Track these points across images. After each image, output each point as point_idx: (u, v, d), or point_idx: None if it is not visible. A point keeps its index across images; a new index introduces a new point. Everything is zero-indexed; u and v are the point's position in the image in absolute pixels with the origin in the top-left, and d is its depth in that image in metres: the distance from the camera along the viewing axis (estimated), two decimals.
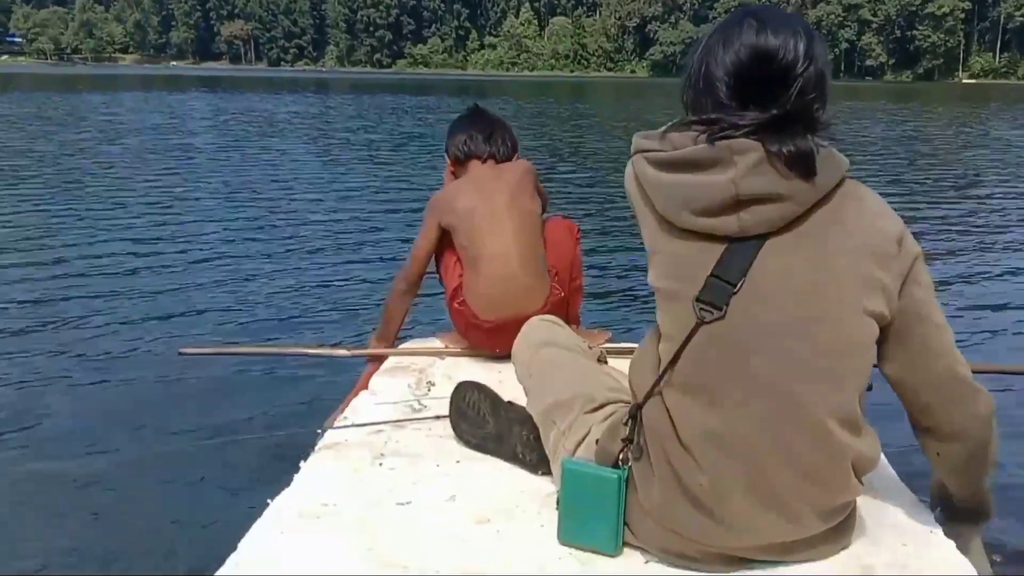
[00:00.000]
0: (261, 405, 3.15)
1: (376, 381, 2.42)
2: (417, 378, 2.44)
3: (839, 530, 1.42)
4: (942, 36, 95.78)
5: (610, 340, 2.74)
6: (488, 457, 1.88)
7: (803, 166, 1.25)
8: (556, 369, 1.75)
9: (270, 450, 2.66)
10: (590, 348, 1.88)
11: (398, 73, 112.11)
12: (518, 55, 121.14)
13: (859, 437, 1.35)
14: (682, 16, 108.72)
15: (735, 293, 1.29)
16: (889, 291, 1.32)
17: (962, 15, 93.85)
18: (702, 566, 1.41)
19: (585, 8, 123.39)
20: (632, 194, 1.42)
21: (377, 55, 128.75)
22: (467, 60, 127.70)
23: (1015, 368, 2.84)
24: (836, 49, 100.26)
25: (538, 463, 1.77)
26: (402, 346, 2.74)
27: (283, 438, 2.62)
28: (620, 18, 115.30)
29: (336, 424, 2.09)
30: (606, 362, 1.90)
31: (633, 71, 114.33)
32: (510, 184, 2.61)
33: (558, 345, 1.82)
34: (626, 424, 1.43)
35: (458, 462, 1.87)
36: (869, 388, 1.39)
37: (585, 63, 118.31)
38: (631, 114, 26.18)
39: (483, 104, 2.91)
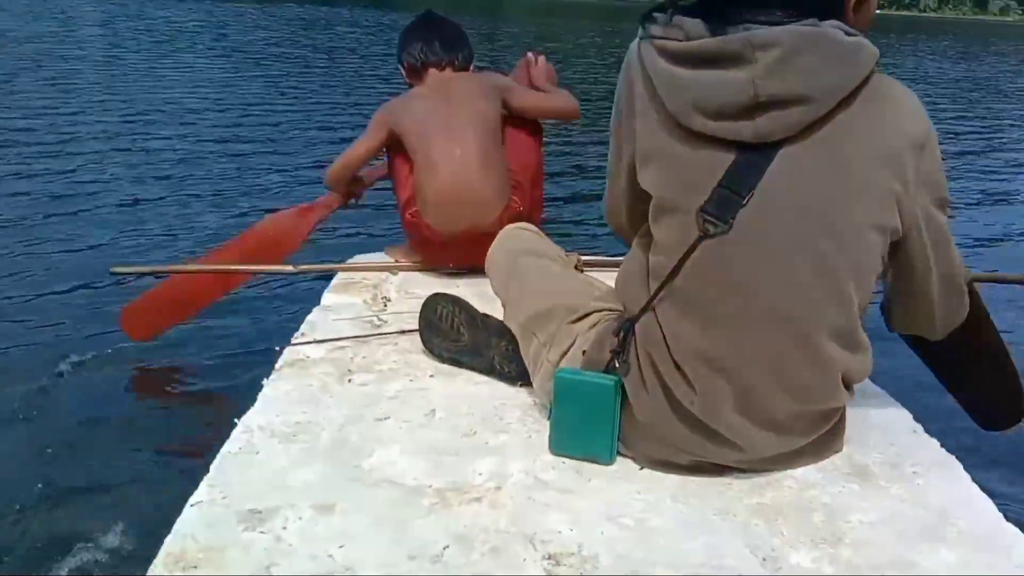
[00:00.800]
0: (208, 325, 2.98)
1: (328, 298, 2.32)
2: (372, 293, 2.34)
3: (829, 436, 1.43)
4: None
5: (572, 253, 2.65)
6: (462, 371, 1.81)
7: (829, 60, 1.19)
8: (535, 278, 1.68)
9: (225, 370, 2.51)
10: (567, 256, 1.80)
11: None
12: None
13: (855, 354, 1.33)
14: None
15: (743, 206, 1.22)
16: (903, 202, 1.27)
17: None
18: (696, 473, 1.39)
19: None
20: (633, 84, 1.32)
21: None
22: None
23: (1004, 276, 2.84)
24: None
25: (518, 375, 1.71)
26: (350, 261, 2.63)
27: (237, 357, 2.50)
28: None
29: (293, 341, 1.97)
30: (583, 271, 1.82)
31: None
32: (472, 91, 2.49)
33: (537, 253, 1.74)
34: (617, 335, 1.38)
35: (432, 376, 1.80)
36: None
37: None
38: (552, 30, 26.01)
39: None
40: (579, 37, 23.95)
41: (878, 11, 1.42)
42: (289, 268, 2.63)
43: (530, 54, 2.70)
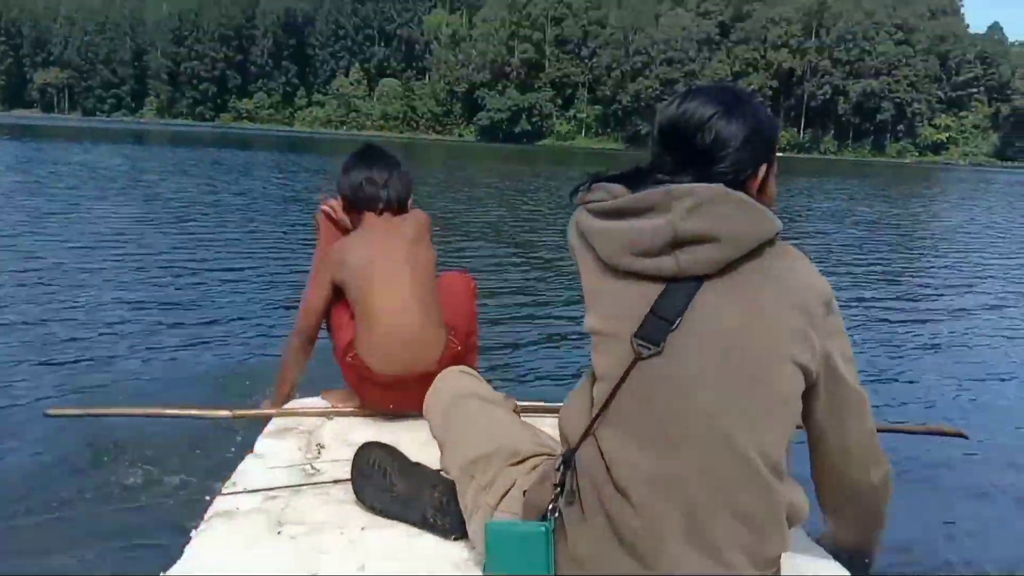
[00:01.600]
0: (140, 471, 2.88)
1: (262, 444, 2.29)
2: (306, 440, 2.32)
3: None
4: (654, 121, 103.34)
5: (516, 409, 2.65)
6: (396, 523, 1.79)
7: (738, 213, 1.33)
8: (475, 421, 1.71)
9: (154, 520, 2.42)
10: (506, 399, 1.84)
11: (221, 126, 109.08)
12: (347, 114, 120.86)
13: (790, 485, 1.38)
14: (509, 84, 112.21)
15: (673, 330, 1.32)
16: (815, 349, 1.36)
17: (769, 92, 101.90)
18: None
19: (415, 71, 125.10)
20: (574, 244, 1.46)
21: (200, 108, 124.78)
22: (294, 116, 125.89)
23: (916, 428, 3.00)
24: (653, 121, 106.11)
25: (451, 528, 1.70)
26: (287, 406, 2.60)
27: (168, 506, 2.41)
28: (449, 83, 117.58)
29: (225, 490, 1.94)
30: (519, 416, 1.85)
31: (461, 135, 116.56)
32: (406, 237, 2.54)
33: (476, 396, 1.78)
34: (558, 470, 1.42)
35: (363, 529, 1.78)
36: None
37: (415, 125, 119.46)
38: (465, 174, 26.46)
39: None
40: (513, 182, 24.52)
41: (781, 153, 1.59)
42: (225, 412, 2.58)
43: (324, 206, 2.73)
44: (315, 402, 2.64)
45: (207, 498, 1.92)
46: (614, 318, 1.37)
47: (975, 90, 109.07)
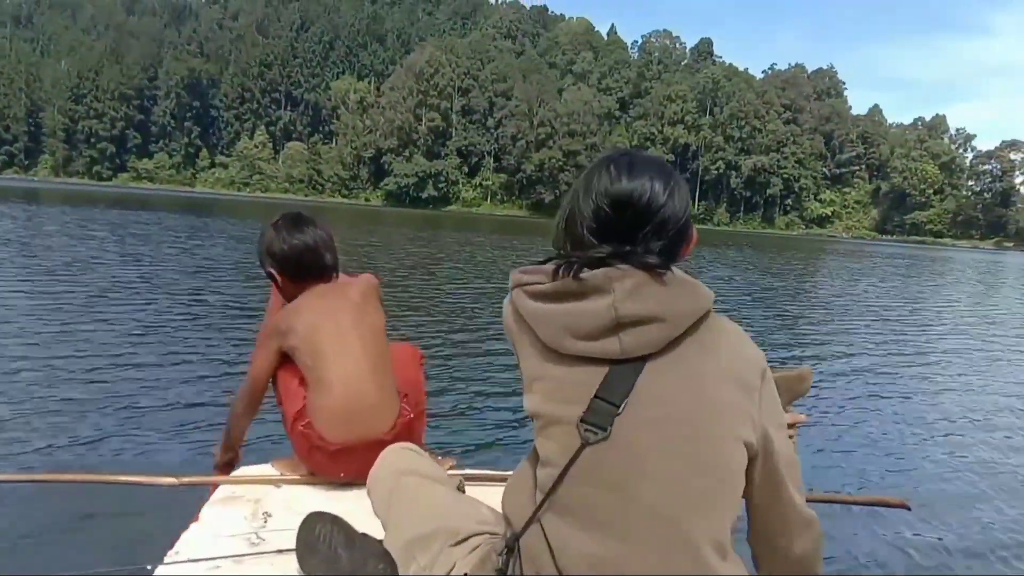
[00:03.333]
0: (78, 541, 2.87)
1: (207, 512, 2.20)
2: (253, 509, 2.23)
3: None
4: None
5: (454, 466, 2.62)
6: None
7: (676, 291, 1.35)
8: (417, 500, 1.68)
9: None
10: (449, 475, 1.84)
11: (119, 187, 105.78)
12: (251, 176, 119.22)
13: (727, 562, 1.36)
14: (416, 151, 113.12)
15: (619, 414, 1.31)
16: (756, 423, 1.37)
17: None
18: None
19: (322, 136, 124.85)
20: (510, 327, 1.45)
21: (97, 167, 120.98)
22: (196, 178, 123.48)
23: (859, 499, 3.04)
24: (556, 190, 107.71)
25: None
26: (234, 473, 2.53)
27: None
28: (356, 148, 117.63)
29: (166, 560, 1.90)
30: (464, 491, 1.85)
31: (368, 199, 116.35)
32: (353, 301, 2.50)
33: (419, 474, 1.75)
34: (501, 555, 1.42)
35: None
36: None
37: (320, 188, 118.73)
38: (377, 238, 26.26)
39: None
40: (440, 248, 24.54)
41: None
42: (171, 479, 2.46)
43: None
44: (263, 469, 2.56)
45: (148, 567, 1.87)
46: (559, 402, 1.36)
47: (857, 167, 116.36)
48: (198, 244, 18.64)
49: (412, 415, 2.51)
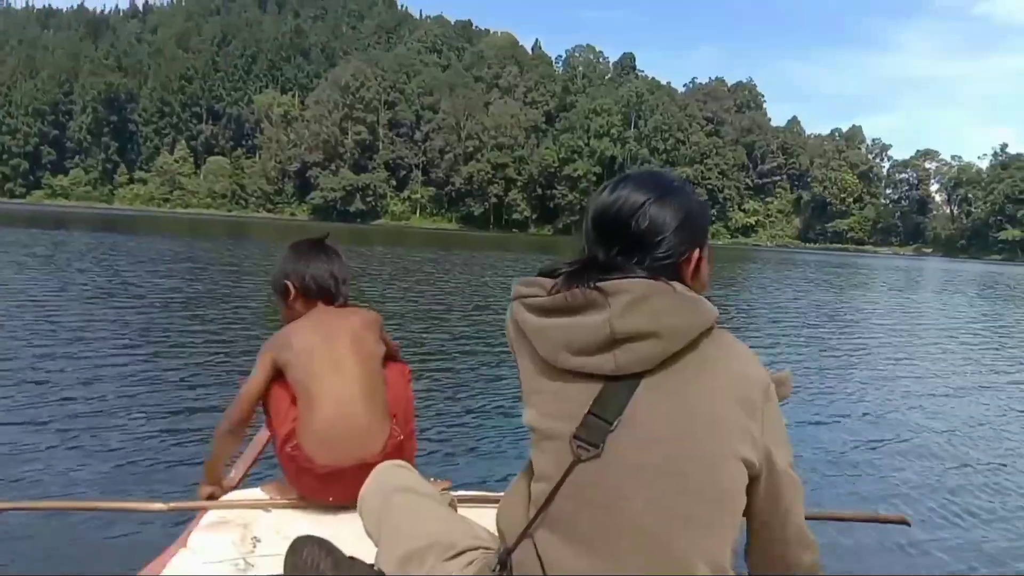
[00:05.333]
0: (63, 569, 2.80)
1: (195, 538, 2.18)
2: (241, 534, 2.22)
3: None
4: (577, 195, 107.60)
5: (447, 488, 2.56)
6: None
7: (675, 306, 1.32)
8: (409, 516, 1.67)
9: None
10: (441, 493, 1.82)
11: (33, 204, 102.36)
12: (171, 191, 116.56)
13: None
14: (342, 164, 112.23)
15: (612, 431, 1.30)
16: (756, 441, 1.34)
17: (593, 178, 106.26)
18: None
19: (244, 150, 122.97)
20: (512, 338, 1.45)
21: (10, 184, 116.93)
22: (114, 194, 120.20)
23: (858, 515, 3.01)
24: (486, 203, 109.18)
25: None
26: (224, 498, 2.51)
27: None
28: (281, 162, 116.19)
29: None
30: (456, 509, 1.84)
31: (293, 214, 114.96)
32: (354, 327, 2.54)
33: (412, 491, 1.74)
34: (494, 570, 1.41)
35: None
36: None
37: (244, 203, 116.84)
38: None
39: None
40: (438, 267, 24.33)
41: None
42: (159, 505, 2.46)
43: None
44: (253, 494, 2.55)
45: None
46: (553, 417, 1.36)
47: (779, 178, 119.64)
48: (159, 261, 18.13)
49: (402, 436, 2.51)
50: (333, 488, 2.37)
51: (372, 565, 1.73)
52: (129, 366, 6.81)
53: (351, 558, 1.79)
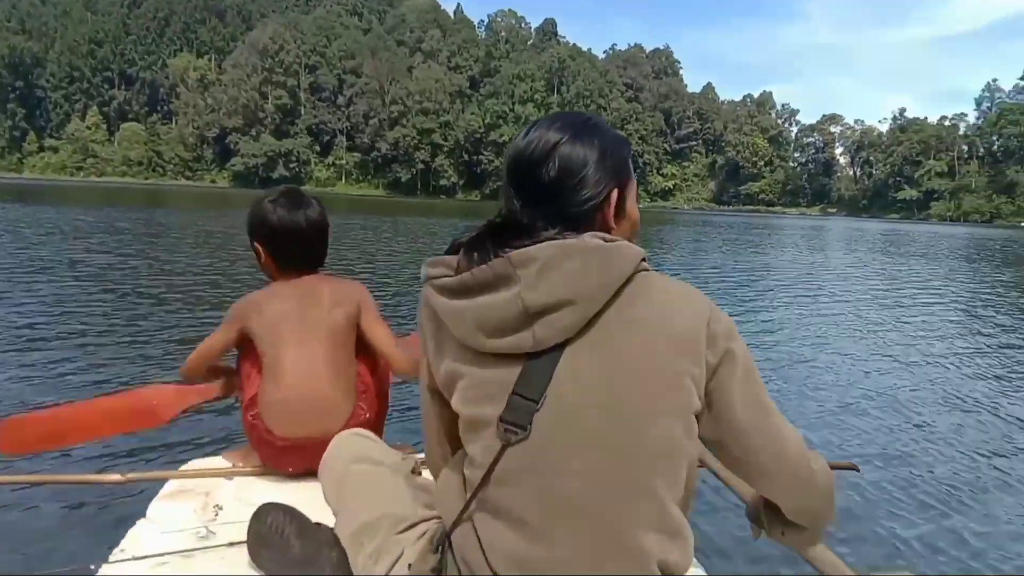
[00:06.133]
0: (20, 540, 2.81)
1: (155, 508, 2.12)
2: (203, 502, 2.16)
3: None
4: (503, 161, 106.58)
5: (412, 453, 2.40)
6: None
7: (588, 264, 1.22)
8: (365, 487, 1.64)
9: None
10: (403, 459, 1.78)
11: None
12: (84, 160, 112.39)
13: (673, 542, 1.28)
14: (263, 130, 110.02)
15: (538, 410, 1.24)
16: (699, 379, 1.26)
17: None
18: None
19: (160, 115, 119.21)
20: (424, 325, 1.38)
21: None
22: (23, 163, 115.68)
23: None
24: (413, 169, 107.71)
25: None
26: (184, 467, 2.42)
27: None
28: (199, 128, 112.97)
29: (111, 559, 1.83)
30: (420, 473, 1.84)
31: (214, 180, 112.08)
32: (327, 295, 2.41)
33: (370, 460, 1.71)
34: (435, 552, 1.40)
35: None
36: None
37: (161, 171, 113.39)
38: (230, 222, 24.29)
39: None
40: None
41: None
42: (116, 477, 2.36)
43: None
44: (214, 462, 2.45)
45: (92, 567, 1.82)
46: (479, 402, 1.28)
47: (695, 143, 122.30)
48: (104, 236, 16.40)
49: (368, 414, 2.40)
50: (291, 459, 2.32)
51: (334, 531, 1.70)
52: (54, 342, 6.50)
53: (317, 524, 1.76)
